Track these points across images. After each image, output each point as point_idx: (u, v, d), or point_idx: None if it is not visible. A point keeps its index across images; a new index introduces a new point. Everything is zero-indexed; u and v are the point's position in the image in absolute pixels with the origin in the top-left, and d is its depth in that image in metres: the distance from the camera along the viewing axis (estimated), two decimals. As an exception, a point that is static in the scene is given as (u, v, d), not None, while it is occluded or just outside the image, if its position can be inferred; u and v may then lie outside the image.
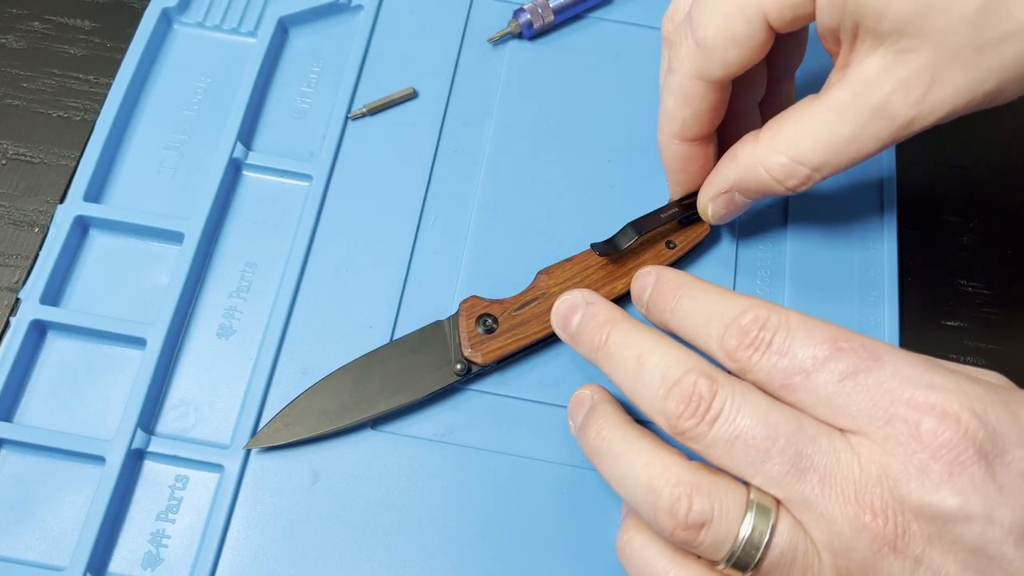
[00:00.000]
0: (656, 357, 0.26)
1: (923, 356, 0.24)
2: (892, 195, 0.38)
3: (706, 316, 0.27)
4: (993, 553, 0.22)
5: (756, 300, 0.26)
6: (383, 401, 0.32)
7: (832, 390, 0.24)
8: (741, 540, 0.24)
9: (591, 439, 0.28)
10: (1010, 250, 0.39)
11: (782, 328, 0.25)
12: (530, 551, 0.31)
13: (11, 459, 0.32)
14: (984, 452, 0.22)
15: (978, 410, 0.22)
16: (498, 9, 0.41)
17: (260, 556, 0.31)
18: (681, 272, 0.30)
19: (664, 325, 0.29)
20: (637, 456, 0.26)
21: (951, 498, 0.22)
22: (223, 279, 0.35)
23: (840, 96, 0.28)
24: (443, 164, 0.38)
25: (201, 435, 0.33)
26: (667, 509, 0.24)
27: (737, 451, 0.24)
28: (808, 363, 0.24)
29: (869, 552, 0.23)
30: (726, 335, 0.26)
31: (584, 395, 0.30)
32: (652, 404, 0.26)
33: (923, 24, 0.25)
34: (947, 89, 0.26)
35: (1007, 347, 0.37)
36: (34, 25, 0.41)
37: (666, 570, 0.26)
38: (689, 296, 0.28)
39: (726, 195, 0.32)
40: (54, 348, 0.34)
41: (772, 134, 0.30)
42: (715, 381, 0.25)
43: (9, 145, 0.39)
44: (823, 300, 0.36)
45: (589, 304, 0.29)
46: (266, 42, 0.39)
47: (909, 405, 0.23)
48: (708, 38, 0.28)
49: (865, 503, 0.23)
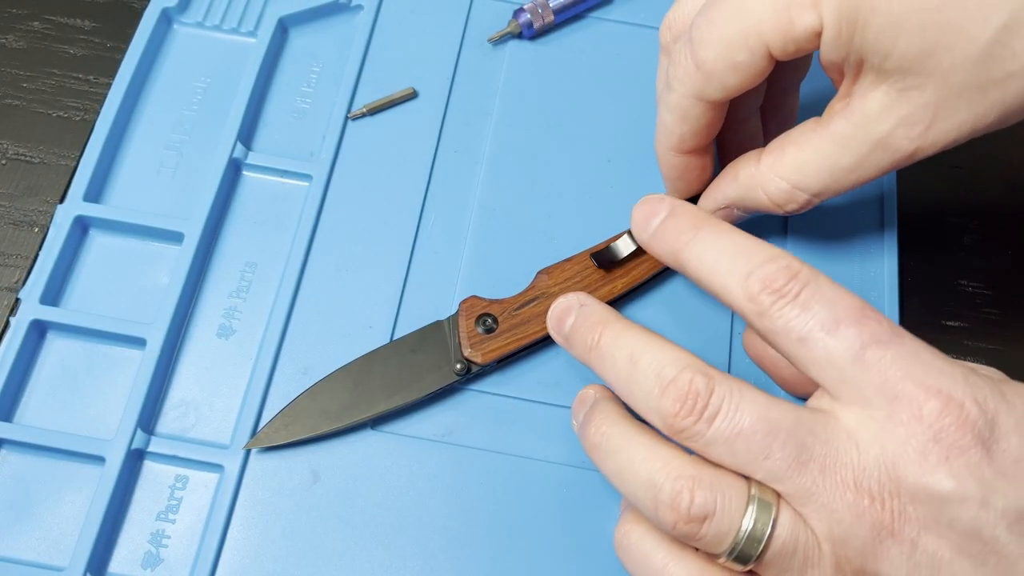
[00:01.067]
0: (649, 356, 0.26)
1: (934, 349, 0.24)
2: (892, 198, 0.38)
3: (731, 253, 0.26)
4: (987, 537, 0.22)
5: (787, 252, 0.26)
6: (383, 401, 0.32)
7: (848, 354, 0.24)
8: (743, 533, 0.24)
9: (590, 435, 0.28)
10: (1010, 250, 0.39)
11: (812, 283, 0.24)
12: (530, 551, 0.31)
13: (11, 459, 0.32)
14: (982, 438, 0.22)
15: (979, 398, 0.23)
16: (498, 9, 0.41)
17: (260, 556, 0.31)
18: (698, 207, 0.29)
19: (674, 255, 0.28)
20: (636, 451, 0.26)
21: (947, 481, 0.22)
22: (223, 279, 0.35)
23: (842, 127, 0.28)
24: (443, 164, 0.38)
25: (201, 435, 0.33)
26: (668, 502, 0.24)
27: (739, 448, 0.24)
28: (831, 322, 0.24)
29: (868, 538, 0.23)
30: (752, 276, 0.25)
31: (587, 394, 0.30)
32: (647, 403, 0.25)
33: (928, 63, 0.25)
34: (949, 124, 0.26)
35: (1007, 347, 0.37)
36: (34, 25, 0.41)
37: (664, 563, 0.26)
38: (713, 231, 0.27)
39: (725, 210, 0.32)
40: (54, 348, 0.34)
41: (774, 159, 0.30)
42: (711, 378, 0.24)
43: (9, 145, 0.39)
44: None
45: (583, 306, 0.29)
46: (266, 42, 0.39)
47: (917, 385, 0.23)
48: (708, 62, 0.28)
49: (863, 488, 0.23)
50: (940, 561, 0.22)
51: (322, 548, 0.31)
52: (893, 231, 0.37)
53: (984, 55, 0.24)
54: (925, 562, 0.22)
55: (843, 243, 0.37)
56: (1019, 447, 0.22)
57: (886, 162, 0.28)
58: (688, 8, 0.31)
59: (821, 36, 0.26)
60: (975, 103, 0.25)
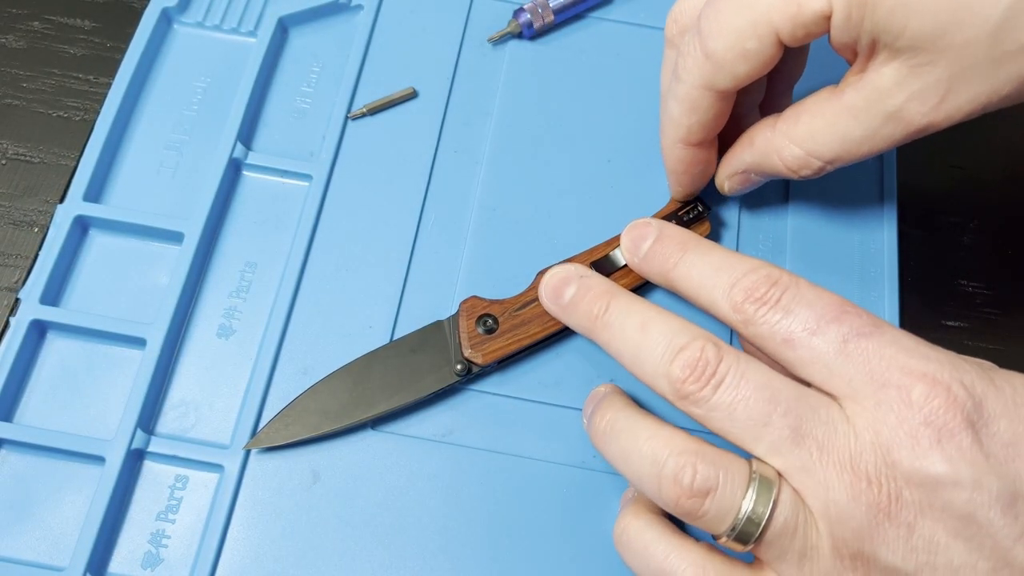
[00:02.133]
0: (661, 324, 0.27)
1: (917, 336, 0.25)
2: (892, 198, 0.38)
3: (715, 268, 0.27)
4: (981, 520, 0.22)
5: (767, 262, 0.27)
6: (383, 401, 0.32)
7: (832, 349, 0.24)
8: (745, 512, 0.24)
9: (596, 423, 0.28)
10: (1010, 250, 0.39)
11: (792, 287, 0.25)
12: (530, 551, 0.31)
13: (11, 459, 0.32)
14: (971, 421, 0.23)
15: (966, 382, 0.23)
16: (498, 9, 0.41)
17: (260, 556, 0.31)
18: (684, 228, 0.30)
19: (663, 275, 0.29)
20: (640, 431, 0.26)
21: (940, 464, 0.22)
22: (223, 279, 0.35)
23: (855, 99, 0.28)
24: (443, 164, 0.38)
25: (201, 435, 0.33)
26: (672, 477, 0.24)
27: (739, 416, 0.24)
28: (812, 322, 0.25)
29: (865, 520, 0.23)
30: (735, 287, 0.26)
31: (597, 391, 0.31)
32: (656, 368, 0.26)
33: (940, 42, 0.25)
34: (963, 98, 0.26)
35: (1007, 347, 0.37)
36: (34, 25, 0.41)
37: (666, 554, 0.26)
38: (698, 251, 0.28)
39: (742, 175, 0.33)
40: (54, 348, 0.34)
41: (789, 126, 0.30)
42: (720, 348, 0.25)
43: (9, 145, 0.39)
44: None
45: (583, 277, 0.30)
46: (266, 42, 0.39)
47: (903, 371, 0.23)
48: (718, 51, 0.28)
49: (860, 471, 0.23)
50: (936, 545, 0.23)
51: (322, 548, 0.31)
52: (893, 231, 0.37)
53: (996, 30, 0.24)
54: (922, 546, 0.23)
55: (843, 243, 0.37)
56: (1009, 430, 0.23)
57: (899, 135, 0.28)
58: (694, 1, 0.31)
59: (831, 19, 0.27)
60: (988, 77, 0.25)
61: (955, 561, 0.22)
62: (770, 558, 0.25)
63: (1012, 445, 0.23)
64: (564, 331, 0.33)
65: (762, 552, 0.25)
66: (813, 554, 0.24)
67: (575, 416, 0.33)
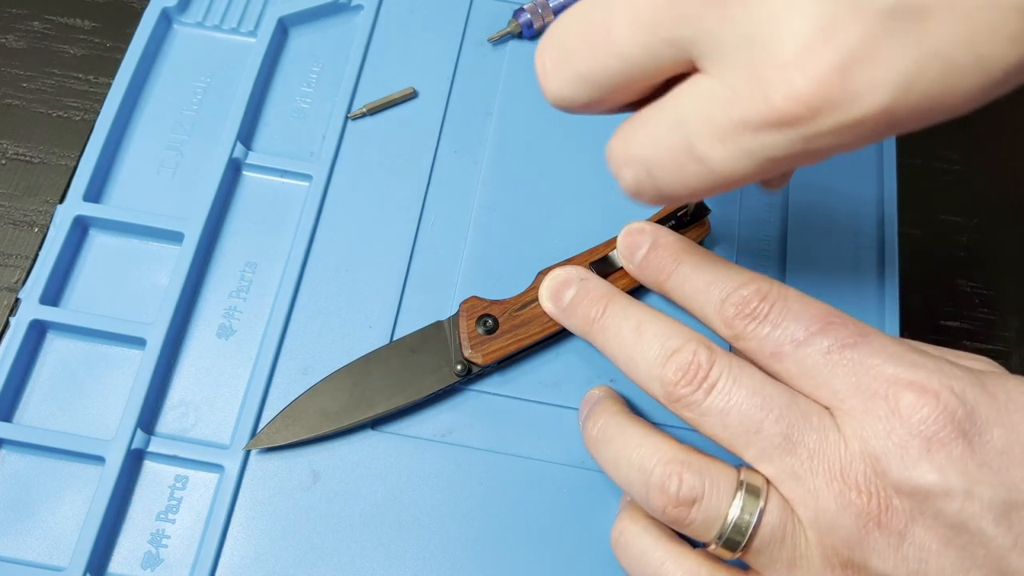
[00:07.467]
0: (655, 327, 0.27)
1: (908, 340, 0.25)
2: (892, 198, 0.38)
3: (707, 282, 0.27)
4: (973, 529, 0.22)
5: (758, 274, 0.27)
6: (383, 402, 0.32)
7: (818, 361, 0.24)
8: (732, 518, 0.24)
9: (589, 429, 0.28)
10: (1009, 250, 0.39)
11: (780, 301, 0.25)
12: (530, 551, 0.31)
13: (11, 459, 0.32)
14: (963, 429, 0.22)
15: (956, 389, 0.23)
16: (498, 9, 0.41)
17: (260, 556, 0.31)
18: (679, 235, 0.30)
19: (658, 284, 0.29)
20: (630, 439, 0.26)
21: (930, 474, 0.22)
22: (223, 279, 0.35)
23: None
24: (443, 164, 0.38)
25: (201, 435, 0.33)
26: (659, 486, 0.25)
27: (731, 420, 0.24)
28: (800, 335, 0.25)
29: (854, 529, 0.23)
30: (726, 302, 0.26)
31: (592, 394, 0.31)
32: (649, 371, 0.26)
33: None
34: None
35: (1007, 347, 0.37)
36: (34, 25, 0.41)
37: (662, 560, 0.26)
38: (692, 262, 0.28)
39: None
40: (54, 348, 0.34)
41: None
42: (714, 352, 0.25)
43: (9, 145, 0.39)
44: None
45: (583, 280, 0.30)
46: (266, 42, 0.39)
47: (890, 381, 0.23)
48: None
49: (850, 480, 0.23)
50: (928, 553, 0.23)
51: (322, 548, 0.31)
52: (893, 231, 0.37)
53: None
54: (913, 554, 0.23)
55: (843, 243, 0.37)
56: (1003, 438, 0.22)
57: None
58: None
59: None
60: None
61: (947, 569, 0.22)
62: (760, 566, 0.25)
63: (1006, 453, 0.22)
64: (564, 331, 0.33)
65: (751, 560, 0.25)
66: (803, 562, 0.24)
67: (575, 416, 0.33)
